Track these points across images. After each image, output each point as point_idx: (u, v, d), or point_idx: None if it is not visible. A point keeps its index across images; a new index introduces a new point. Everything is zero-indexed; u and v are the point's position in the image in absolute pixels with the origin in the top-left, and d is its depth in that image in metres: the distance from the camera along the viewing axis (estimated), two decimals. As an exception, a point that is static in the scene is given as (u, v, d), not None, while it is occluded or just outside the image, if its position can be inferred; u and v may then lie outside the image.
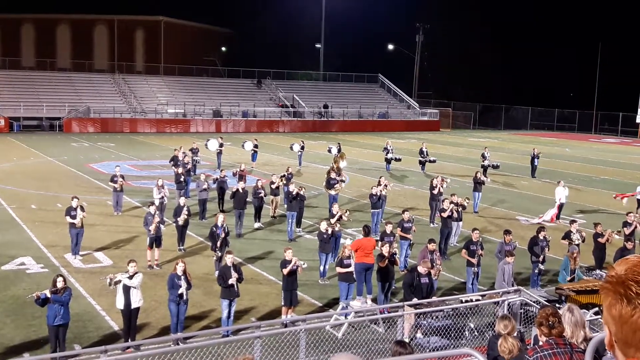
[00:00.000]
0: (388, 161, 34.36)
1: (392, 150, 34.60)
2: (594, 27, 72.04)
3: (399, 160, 34.30)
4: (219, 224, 15.56)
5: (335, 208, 17.99)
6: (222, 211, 20.99)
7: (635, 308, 1.60)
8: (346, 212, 18.27)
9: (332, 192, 22.63)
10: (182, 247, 17.89)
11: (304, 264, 13.15)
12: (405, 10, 79.09)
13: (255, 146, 34.49)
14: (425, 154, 34.37)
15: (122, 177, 22.36)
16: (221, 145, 33.15)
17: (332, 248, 16.18)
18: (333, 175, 23.15)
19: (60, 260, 16.67)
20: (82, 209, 16.99)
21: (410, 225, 16.94)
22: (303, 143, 36.25)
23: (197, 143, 32.50)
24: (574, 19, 75.49)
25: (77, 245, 16.89)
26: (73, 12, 73.31)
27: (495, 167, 31.51)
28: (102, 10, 73.95)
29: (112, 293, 12.14)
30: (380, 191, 20.59)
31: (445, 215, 18.25)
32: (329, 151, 34.32)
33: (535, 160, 33.78)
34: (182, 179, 23.33)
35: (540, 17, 78.28)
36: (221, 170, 24.96)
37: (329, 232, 15.82)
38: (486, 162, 31.36)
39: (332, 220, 16.95)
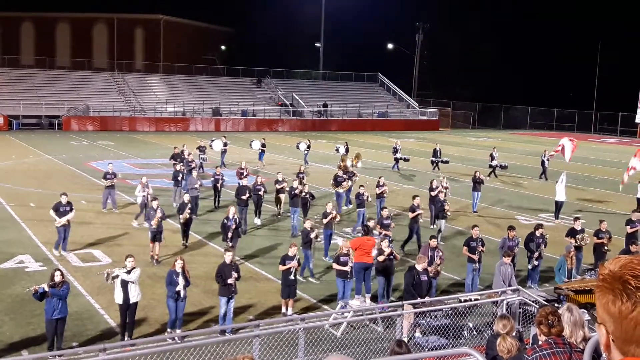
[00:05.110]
0: (397, 161, 34.58)
1: (400, 149, 34.89)
2: (593, 27, 71.98)
3: (407, 160, 34.59)
4: (230, 216, 16.31)
5: (329, 207, 17.80)
6: (217, 207, 22.45)
7: (636, 302, 1.59)
8: (337, 217, 18.13)
9: (340, 190, 22.83)
10: (185, 243, 18.04)
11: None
12: (405, 9, 79.20)
13: (263, 145, 34.57)
14: (439, 154, 34.51)
15: (115, 174, 22.40)
16: (225, 144, 33.51)
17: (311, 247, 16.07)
18: (340, 173, 23.51)
19: (59, 258, 16.66)
20: (71, 206, 16.93)
21: (389, 222, 16.96)
22: (309, 142, 36.32)
23: (204, 142, 32.65)
24: (574, 18, 75.46)
25: (65, 240, 16.93)
26: (72, 11, 73.17)
27: (503, 167, 31.47)
28: (101, 9, 73.87)
29: (111, 291, 12.12)
30: (368, 191, 20.69)
31: (413, 215, 18.26)
32: (337, 151, 34.48)
33: (546, 162, 32.12)
34: (179, 177, 23.33)
35: (539, 16, 78.22)
36: (216, 167, 24.97)
37: (310, 230, 15.81)
38: (494, 162, 31.38)
39: (324, 221, 17.16)
